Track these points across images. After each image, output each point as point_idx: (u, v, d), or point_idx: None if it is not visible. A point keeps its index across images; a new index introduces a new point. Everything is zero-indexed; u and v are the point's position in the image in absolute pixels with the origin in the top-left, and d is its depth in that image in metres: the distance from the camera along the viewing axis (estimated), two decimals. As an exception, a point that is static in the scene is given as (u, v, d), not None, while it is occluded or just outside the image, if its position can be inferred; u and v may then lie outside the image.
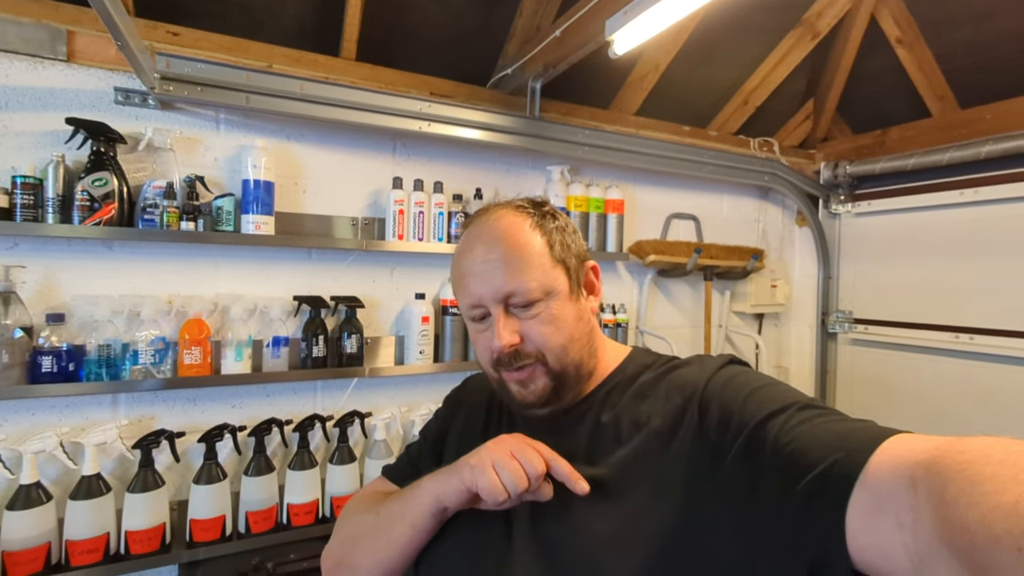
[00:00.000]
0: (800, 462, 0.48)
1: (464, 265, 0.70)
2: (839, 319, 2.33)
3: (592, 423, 0.69)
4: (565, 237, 0.72)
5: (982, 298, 1.93)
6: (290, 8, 1.58)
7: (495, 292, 0.67)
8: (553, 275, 0.68)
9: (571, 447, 0.67)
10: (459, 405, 0.87)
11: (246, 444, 1.48)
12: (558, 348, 0.67)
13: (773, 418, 0.54)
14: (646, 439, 0.63)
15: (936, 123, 2.10)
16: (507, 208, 0.73)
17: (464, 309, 0.72)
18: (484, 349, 0.70)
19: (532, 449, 0.61)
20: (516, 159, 1.91)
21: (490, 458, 0.61)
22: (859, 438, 0.47)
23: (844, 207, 2.34)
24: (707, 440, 0.58)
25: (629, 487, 0.61)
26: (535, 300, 0.67)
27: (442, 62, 1.80)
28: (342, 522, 0.80)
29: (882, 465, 0.43)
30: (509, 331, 0.66)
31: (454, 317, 1.71)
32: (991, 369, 1.89)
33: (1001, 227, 1.89)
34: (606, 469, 0.63)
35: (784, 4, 1.96)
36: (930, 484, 0.39)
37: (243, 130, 1.55)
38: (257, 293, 1.54)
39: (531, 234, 0.69)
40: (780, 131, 2.45)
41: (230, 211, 1.46)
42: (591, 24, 1.44)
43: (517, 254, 0.67)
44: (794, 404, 0.55)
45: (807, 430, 0.51)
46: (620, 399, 0.69)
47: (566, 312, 0.69)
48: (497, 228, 0.70)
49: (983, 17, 1.79)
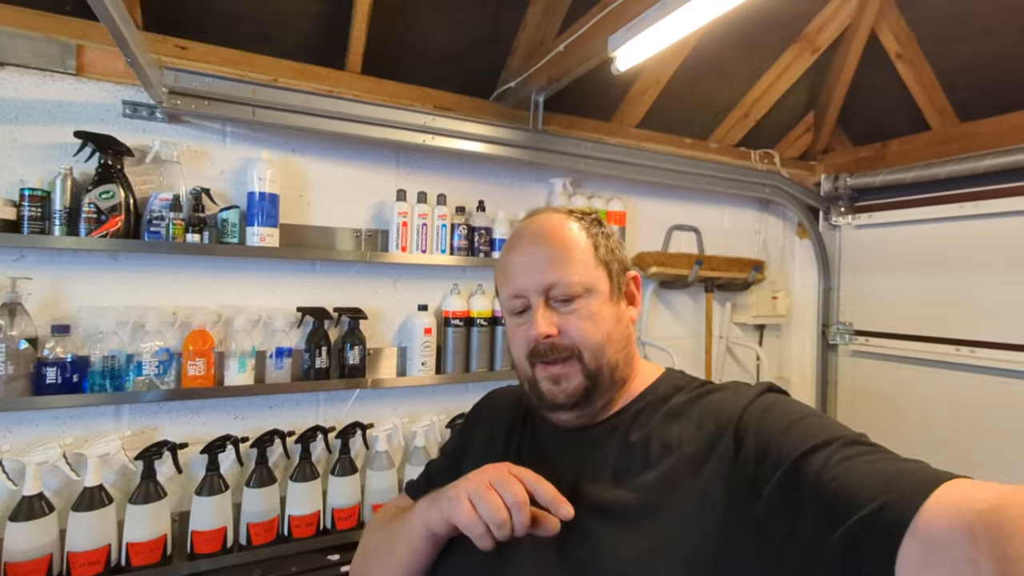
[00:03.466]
0: (845, 502, 0.46)
1: (509, 258, 0.72)
2: (840, 331, 2.34)
3: (620, 441, 0.67)
4: (610, 242, 0.73)
5: (983, 311, 1.93)
6: (297, 22, 1.60)
7: (537, 283, 0.67)
8: (596, 274, 0.69)
9: (597, 465, 0.66)
10: (479, 420, 0.86)
11: (248, 455, 1.49)
12: (595, 345, 0.67)
13: (816, 452, 0.51)
14: (676, 464, 0.61)
15: (936, 137, 2.11)
16: (556, 211, 0.75)
17: (505, 301, 0.73)
18: (521, 341, 0.70)
19: (513, 478, 0.58)
20: (519, 171, 1.93)
21: (467, 490, 0.58)
22: (912, 480, 0.45)
23: (844, 219, 2.35)
24: (742, 471, 0.56)
25: (656, 513, 0.59)
26: (576, 295, 0.67)
27: (446, 75, 1.82)
28: (364, 536, 0.82)
29: (937, 512, 0.41)
30: (547, 321, 0.67)
31: (456, 329, 1.71)
32: (992, 382, 1.89)
33: (1001, 240, 1.90)
34: (633, 492, 0.61)
35: (784, 19, 1.98)
36: (992, 536, 0.37)
37: (249, 143, 1.56)
38: (261, 304, 1.55)
39: (577, 233, 0.71)
40: (781, 143, 2.47)
41: (235, 223, 1.48)
42: (594, 40, 1.45)
43: (561, 248, 0.69)
44: (839, 439, 0.52)
45: (853, 468, 0.48)
46: (651, 419, 0.67)
47: (605, 312, 0.69)
48: (544, 226, 0.72)
49: (983, 33, 1.81)
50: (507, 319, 0.74)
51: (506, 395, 0.88)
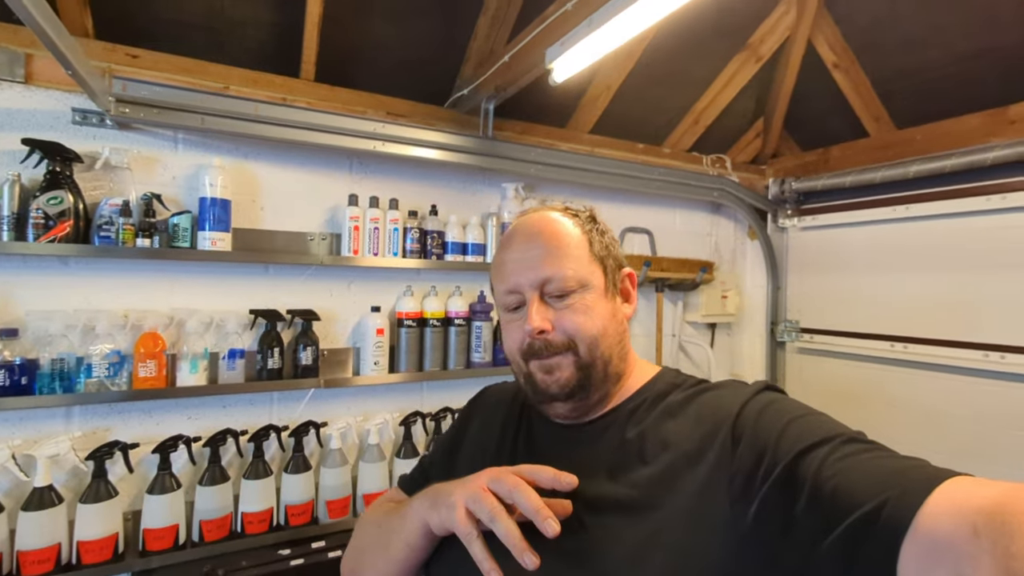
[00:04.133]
0: (845, 500, 0.46)
1: (504, 255, 0.72)
2: (787, 328, 2.44)
3: (616, 438, 0.67)
4: (604, 239, 0.73)
5: (915, 309, 2.04)
6: (250, 30, 1.64)
7: (531, 279, 0.68)
8: (590, 269, 0.69)
9: (593, 460, 0.66)
10: (473, 415, 0.87)
11: (201, 454, 1.52)
12: (589, 338, 0.67)
13: (815, 449, 0.51)
14: (672, 461, 0.61)
15: (873, 143, 2.22)
16: (550, 208, 0.76)
17: (499, 297, 0.73)
18: (515, 337, 0.70)
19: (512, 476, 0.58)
20: (471, 176, 1.98)
21: (464, 497, 0.58)
22: (913, 478, 0.44)
23: (791, 221, 2.45)
24: (739, 469, 0.56)
25: (652, 509, 0.59)
26: (570, 290, 0.67)
27: (401, 83, 1.87)
28: (356, 530, 0.82)
29: (939, 510, 0.41)
30: (541, 316, 0.67)
31: (409, 329, 1.76)
32: (921, 376, 2.00)
33: (930, 242, 2.01)
34: (629, 489, 0.61)
35: (729, 29, 2.07)
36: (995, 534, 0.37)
37: (201, 149, 1.60)
38: (213, 307, 1.58)
39: (571, 229, 0.71)
40: (733, 148, 2.56)
41: (187, 228, 1.51)
42: (534, 51, 1.52)
43: (556, 243, 0.69)
44: (838, 436, 0.52)
45: (853, 465, 0.48)
46: (647, 416, 0.67)
47: (600, 306, 0.69)
48: (539, 222, 0.72)
49: (913, 45, 1.91)
50: (502, 315, 0.74)
51: (502, 391, 0.88)
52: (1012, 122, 1.86)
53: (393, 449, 1.78)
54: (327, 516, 1.60)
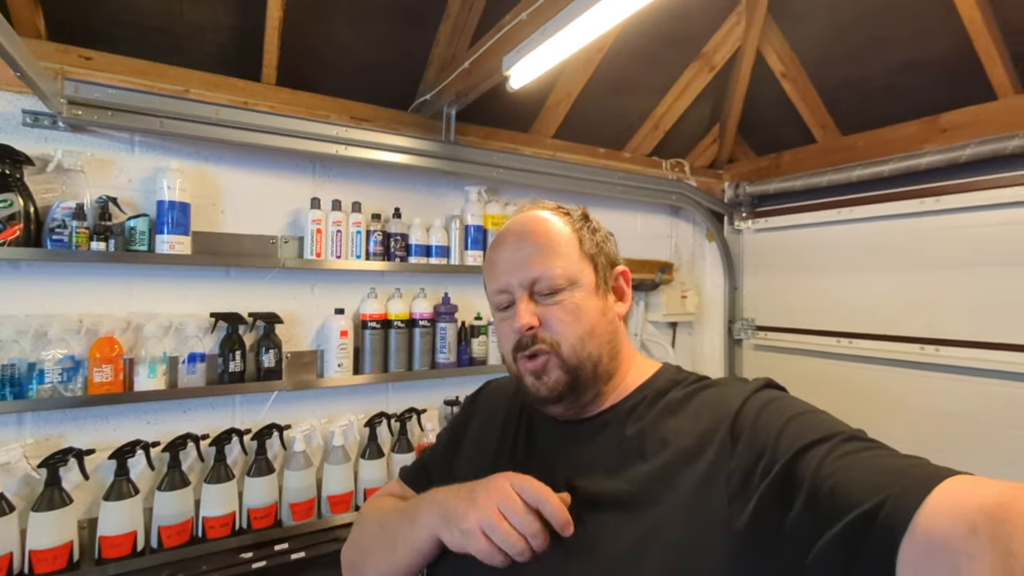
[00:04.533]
0: (844, 498, 0.46)
1: (495, 254, 0.73)
2: (743, 327, 2.53)
3: (616, 435, 0.67)
4: (596, 237, 0.73)
5: (860, 306, 2.15)
6: (210, 34, 1.64)
7: (521, 277, 0.68)
8: (580, 267, 0.69)
9: (592, 457, 0.66)
10: (474, 412, 0.87)
11: (160, 459, 1.51)
12: (575, 339, 0.67)
13: (814, 447, 0.51)
14: (672, 458, 0.60)
15: (821, 148, 2.33)
16: (542, 207, 0.77)
17: (491, 296, 0.74)
18: (506, 335, 0.71)
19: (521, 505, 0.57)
20: (435, 179, 2.01)
21: (479, 522, 0.57)
22: (913, 476, 0.45)
23: (746, 224, 2.55)
24: (739, 466, 0.56)
25: (651, 506, 0.59)
26: (559, 287, 0.67)
27: (364, 87, 1.89)
28: (358, 523, 0.82)
29: (938, 509, 0.41)
30: (529, 313, 0.67)
31: (373, 331, 1.78)
32: (870, 370, 2.11)
33: (872, 243, 2.12)
34: (628, 485, 0.61)
35: (683, 39, 2.16)
36: (995, 533, 0.37)
37: (159, 152, 1.59)
38: (173, 311, 1.57)
39: (562, 227, 0.71)
40: (691, 153, 2.66)
41: (144, 231, 1.50)
42: (493, 58, 1.56)
43: (545, 242, 0.69)
44: (838, 435, 0.52)
45: (852, 463, 0.48)
46: (647, 413, 0.67)
47: (589, 305, 0.68)
48: (529, 222, 0.73)
49: (854, 56, 2.03)
50: (494, 315, 0.75)
51: (501, 388, 0.88)
52: (944, 130, 1.98)
53: (358, 450, 1.79)
54: (291, 519, 1.60)
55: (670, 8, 1.88)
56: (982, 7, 1.67)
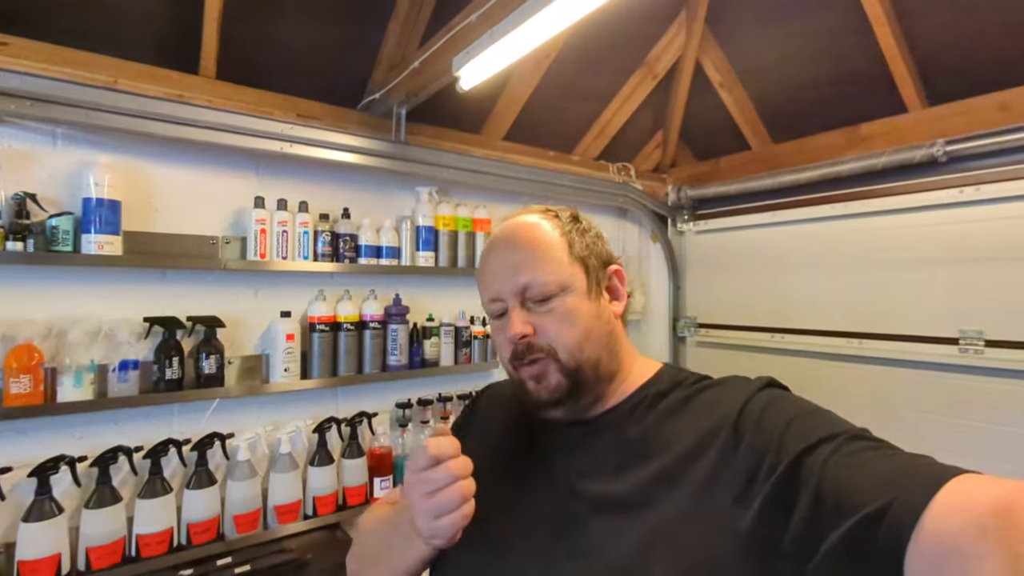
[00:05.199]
0: (849, 498, 0.46)
1: (485, 262, 0.73)
2: (686, 324, 2.65)
3: (618, 436, 0.67)
4: (586, 238, 0.73)
5: (793, 303, 2.30)
6: (142, 22, 1.55)
7: (512, 286, 0.68)
8: (570, 271, 0.69)
9: (595, 459, 0.66)
10: (475, 414, 0.87)
11: (88, 475, 1.41)
12: (571, 343, 0.66)
13: (819, 447, 0.51)
14: (674, 459, 0.60)
15: (754, 155, 2.48)
16: (531, 212, 0.76)
17: (485, 305, 0.73)
18: (502, 344, 0.71)
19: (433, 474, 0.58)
20: (385, 180, 1.99)
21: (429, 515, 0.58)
22: (920, 476, 0.44)
23: (688, 225, 2.68)
24: (743, 465, 0.56)
25: (654, 507, 0.58)
26: (551, 294, 0.67)
27: (310, 84, 1.84)
28: (358, 532, 0.82)
29: (947, 508, 0.40)
30: (522, 322, 0.67)
31: (322, 334, 1.73)
32: (802, 363, 2.26)
33: (802, 243, 2.28)
34: (631, 486, 0.61)
35: (628, 46, 2.24)
36: (1003, 534, 0.36)
37: (85, 146, 1.49)
38: (102, 316, 1.47)
39: (551, 232, 0.71)
40: (637, 157, 2.75)
41: (68, 230, 1.40)
42: (443, 59, 1.56)
43: (534, 250, 0.69)
44: (843, 434, 0.52)
45: (858, 463, 0.48)
46: (648, 414, 0.67)
47: (582, 309, 0.68)
48: (517, 228, 0.72)
49: (783, 67, 2.17)
50: (490, 323, 0.75)
51: (502, 390, 0.87)
52: (862, 139, 2.15)
53: (307, 457, 1.74)
54: (235, 531, 1.54)
55: (615, 16, 1.94)
56: (894, 28, 1.83)
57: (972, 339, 1.84)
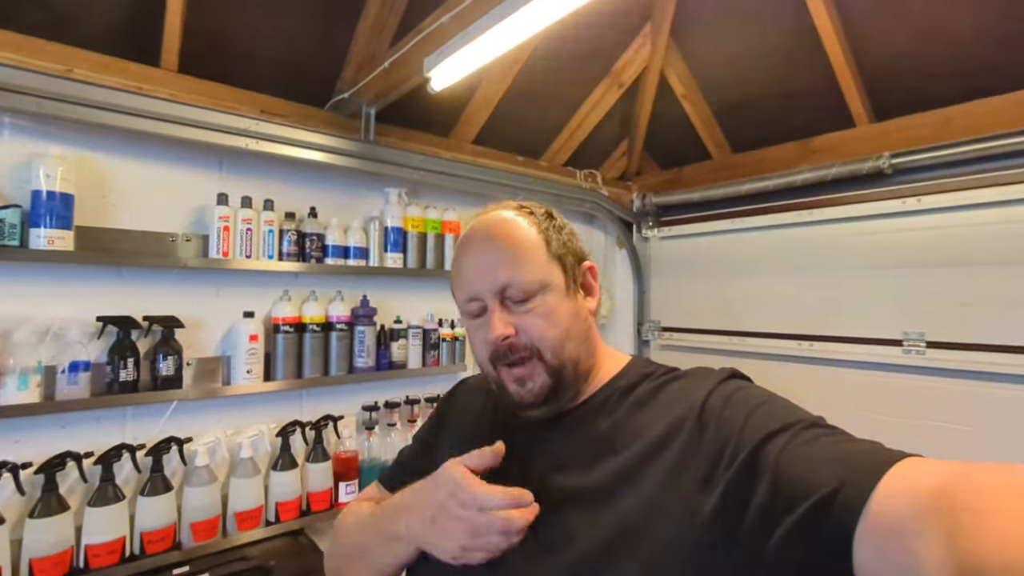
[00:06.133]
0: (803, 483, 0.48)
1: (461, 261, 0.71)
2: (650, 328, 2.72)
3: (589, 430, 0.67)
4: (562, 235, 0.72)
5: (750, 307, 2.39)
6: (97, 11, 1.49)
7: (491, 285, 0.67)
8: (549, 270, 0.68)
9: (566, 453, 0.67)
10: (449, 412, 0.86)
11: (32, 483, 1.33)
12: (554, 342, 0.67)
13: (777, 435, 0.53)
14: (642, 450, 0.61)
15: (715, 164, 2.57)
16: (506, 208, 0.74)
17: (461, 304, 0.72)
18: (481, 345, 0.69)
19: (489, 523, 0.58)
20: (354, 180, 1.97)
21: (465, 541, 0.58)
22: (868, 461, 0.47)
23: (652, 232, 2.75)
24: (706, 455, 0.57)
25: (623, 497, 0.59)
26: (530, 293, 0.67)
27: (277, 81, 1.81)
28: (337, 530, 0.81)
29: (892, 490, 0.43)
30: (503, 323, 0.66)
31: (287, 335, 1.70)
32: (759, 365, 2.35)
33: (759, 250, 2.38)
34: (601, 478, 0.62)
35: (595, 55, 2.29)
36: (940, 512, 0.39)
37: (34, 137, 1.42)
38: (51, 315, 1.40)
39: (528, 230, 0.70)
40: (604, 164, 2.81)
41: (15, 224, 1.33)
42: (413, 60, 1.57)
43: (513, 248, 0.68)
44: (799, 422, 0.54)
45: (812, 451, 0.50)
46: (618, 407, 0.67)
47: (562, 307, 0.68)
48: (494, 225, 0.71)
49: (742, 81, 2.26)
50: (466, 323, 0.72)
51: (477, 386, 0.87)
52: (815, 151, 2.27)
53: (269, 462, 1.69)
54: (192, 539, 1.48)
55: (584, 25, 1.99)
56: (843, 46, 1.94)
57: (914, 340, 1.96)
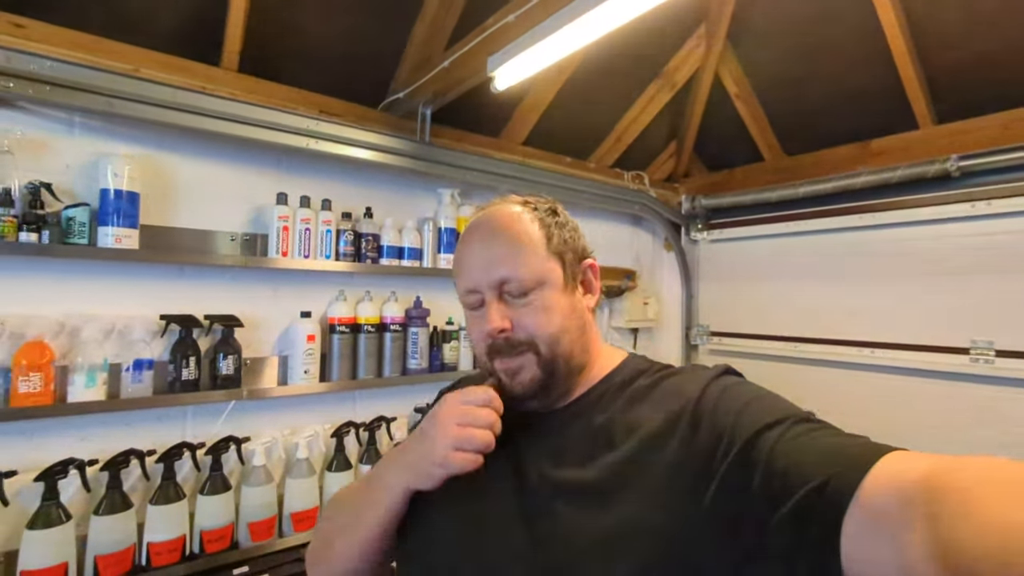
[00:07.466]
0: (795, 476, 0.49)
1: (462, 252, 0.73)
2: (699, 332, 2.65)
3: (585, 424, 0.68)
4: (564, 232, 0.73)
5: (806, 313, 2.30)
6: (164, 12, 1.50)
7: (489, 278, 0.68)
8: (548, 266, 0.69)
9: (562, 448, 0.68)
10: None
11: (98, 480, 1.33)
12: (549, 336, 0.68)
13: (768, 431, 0.54)
14: (639, 445, 0.62)
15: (768, 166, 2.50)
16: (511, 202, 0.75)
17: (461, 295, 0.73)
18: (478, 336, 0.71)
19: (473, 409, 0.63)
20: (408, 180, 1.95)
21: (451, 444, 0.62)
22: (855, 454, 0.48)
23: (701, 234, 2.68)
24: (700, 450, 0.58)
25: (619, 493, 0.60)
26: (528, 288, 0.68)
27: (333, 82, 1.80)
28: (322, 522, 0.81)
29: (878, 482, 0.44)
30: (500, 316, 0.67)
31: (342, 336, 1.68)
32: (815, 371, 2.26)
33: (816, 253, 2.29)
34: (597, 473, 0.63)
35: (648, 57, 2.24)
36: (925, 502, 0.40)
37: (103, 136, 1.43)
38: (117, 313, 1.41)
39: (529, 225, 0.71)
40: (651, 166, 2.75)
41: (84, 222, 1.34)
42: (475, 59, 1.54)
43: (513, 242, 0.69)
44: (789, 418, 0.55)
45: (803, 444, 0.51)
46: (614, 403, 0.69)
47: (559, 303, 0.69)
48: (497, 218, 0.72)
49: (798, 83, 2.19)
50: (465, 312, 0.74)
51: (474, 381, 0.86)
52: (875, 154, 2.18)
53: (324, 463, 1.68)
54: (249, 539, 1.47)
55: (636, 26, 1.94)
56: (908, 45, 1.85)
57: (983, 349, 1.87)
